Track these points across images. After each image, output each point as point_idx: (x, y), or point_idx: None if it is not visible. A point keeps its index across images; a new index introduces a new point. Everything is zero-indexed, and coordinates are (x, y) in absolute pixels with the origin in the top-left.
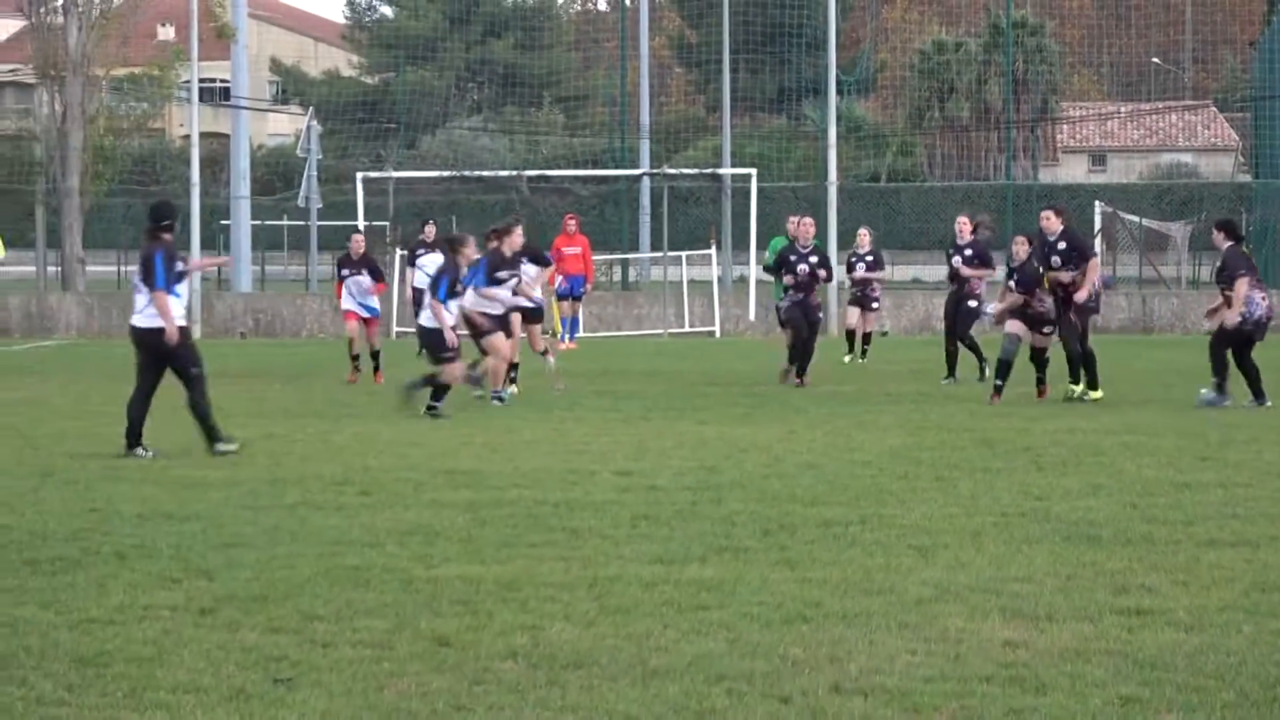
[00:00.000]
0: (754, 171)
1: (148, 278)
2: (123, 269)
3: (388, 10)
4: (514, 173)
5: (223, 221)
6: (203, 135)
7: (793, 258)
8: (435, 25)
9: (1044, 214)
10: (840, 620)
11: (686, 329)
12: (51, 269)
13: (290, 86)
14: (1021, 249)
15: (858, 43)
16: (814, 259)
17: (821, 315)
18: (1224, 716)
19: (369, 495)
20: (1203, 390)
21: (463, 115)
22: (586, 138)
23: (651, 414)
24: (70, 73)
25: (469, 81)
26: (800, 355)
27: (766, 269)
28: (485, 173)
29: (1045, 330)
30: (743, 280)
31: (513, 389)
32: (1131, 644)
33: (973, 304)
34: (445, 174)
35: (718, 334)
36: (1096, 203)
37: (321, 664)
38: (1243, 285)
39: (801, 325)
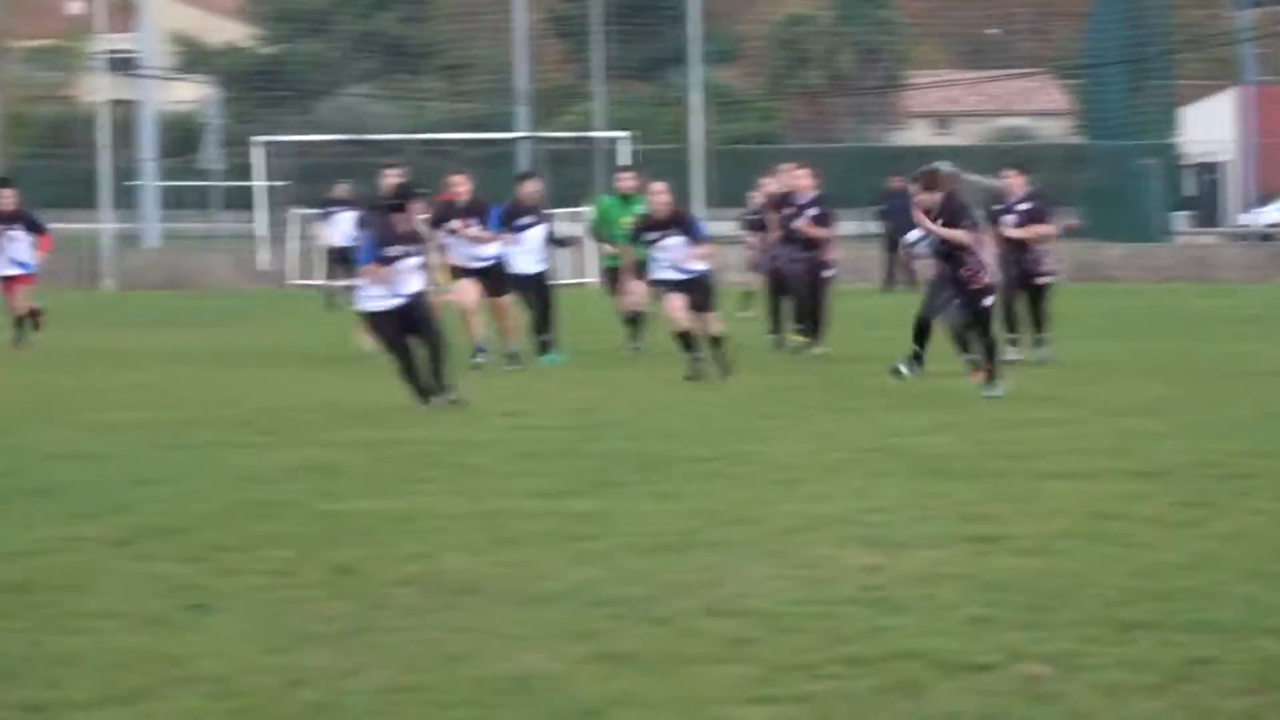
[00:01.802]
0: (625, 134)
1: None
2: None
3: None
4: (402, 136)
5: (127, 183)
6: (112, 102)
7: (787, 210)
8: (327, 0)
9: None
10: (711, 549)
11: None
12: None
13: (193, 57)
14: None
15: (721, 15)
16: (812, 210)
17: (828, 273)
18: (1064, 634)
19: (273, 435)
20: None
21: (353, 83)
22: (468, 104)
23: (532, 360)
24: None
25: (359, 52)
26: (806, 318)
27: (596, 235)
28: (376, 136)
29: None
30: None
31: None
32: (979, 568)
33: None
34: (338, 138)
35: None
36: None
37: (231, 591)
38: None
39: (802, 283)
